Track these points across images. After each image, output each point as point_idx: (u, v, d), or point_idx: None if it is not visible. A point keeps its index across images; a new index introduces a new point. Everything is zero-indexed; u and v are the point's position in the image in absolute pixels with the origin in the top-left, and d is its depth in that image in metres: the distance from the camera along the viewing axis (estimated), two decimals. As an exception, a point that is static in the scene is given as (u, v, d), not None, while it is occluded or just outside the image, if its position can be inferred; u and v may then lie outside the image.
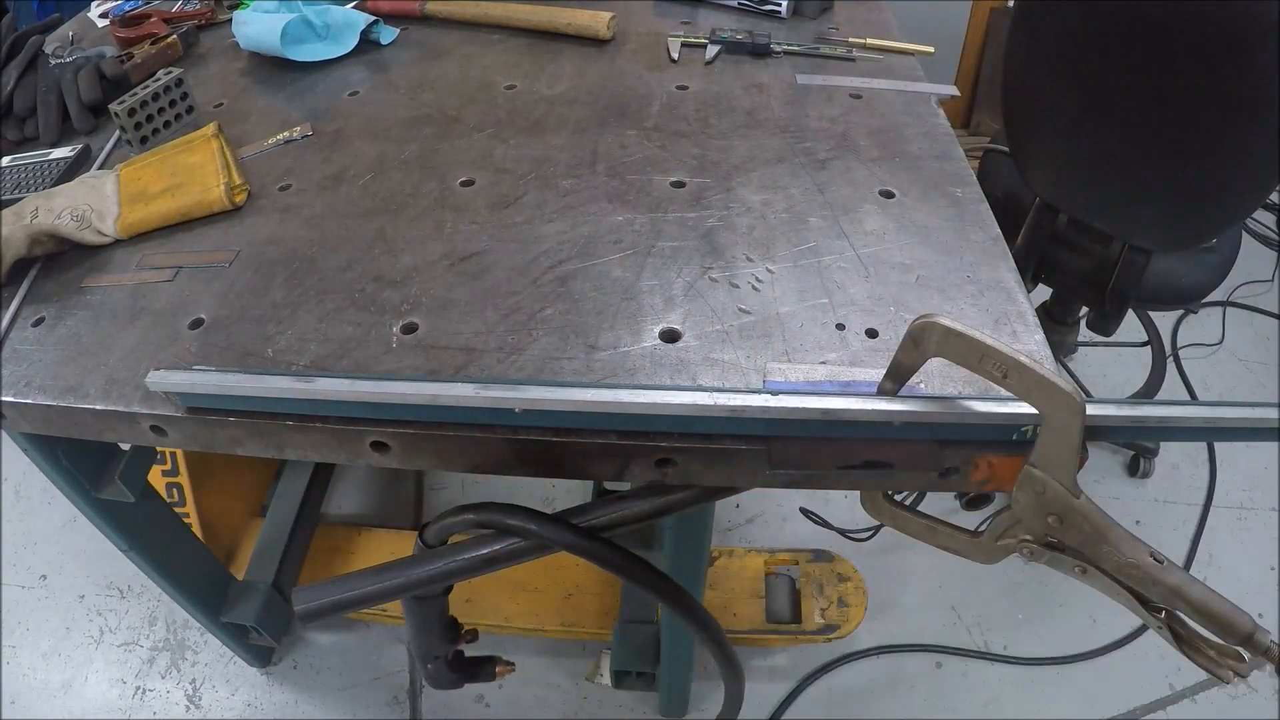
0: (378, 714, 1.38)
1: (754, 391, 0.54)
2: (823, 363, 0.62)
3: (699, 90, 0.97)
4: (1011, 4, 2.13)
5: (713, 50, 1.03)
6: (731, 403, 0.53)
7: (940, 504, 1.53)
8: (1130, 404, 0.53)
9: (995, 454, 0.56)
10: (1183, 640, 0.51)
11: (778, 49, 1.03)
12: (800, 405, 0.53)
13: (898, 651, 1.44)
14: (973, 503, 0.61)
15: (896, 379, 0.53)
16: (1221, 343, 1.94)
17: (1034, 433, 0.50)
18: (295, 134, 0.91)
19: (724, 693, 0.86)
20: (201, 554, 1.26)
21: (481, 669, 0.87)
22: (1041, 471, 0.49)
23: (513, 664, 0.89)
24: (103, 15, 1.22)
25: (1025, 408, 0.50)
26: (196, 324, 0.69)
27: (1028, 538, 0.52)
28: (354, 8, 1.12)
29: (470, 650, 0.86)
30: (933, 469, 0.55)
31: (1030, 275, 1.32)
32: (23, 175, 0.87)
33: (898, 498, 0.59)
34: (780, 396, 0.53)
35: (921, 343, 0.50)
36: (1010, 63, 1.16)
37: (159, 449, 0.94)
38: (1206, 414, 0.52)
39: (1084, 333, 1.46)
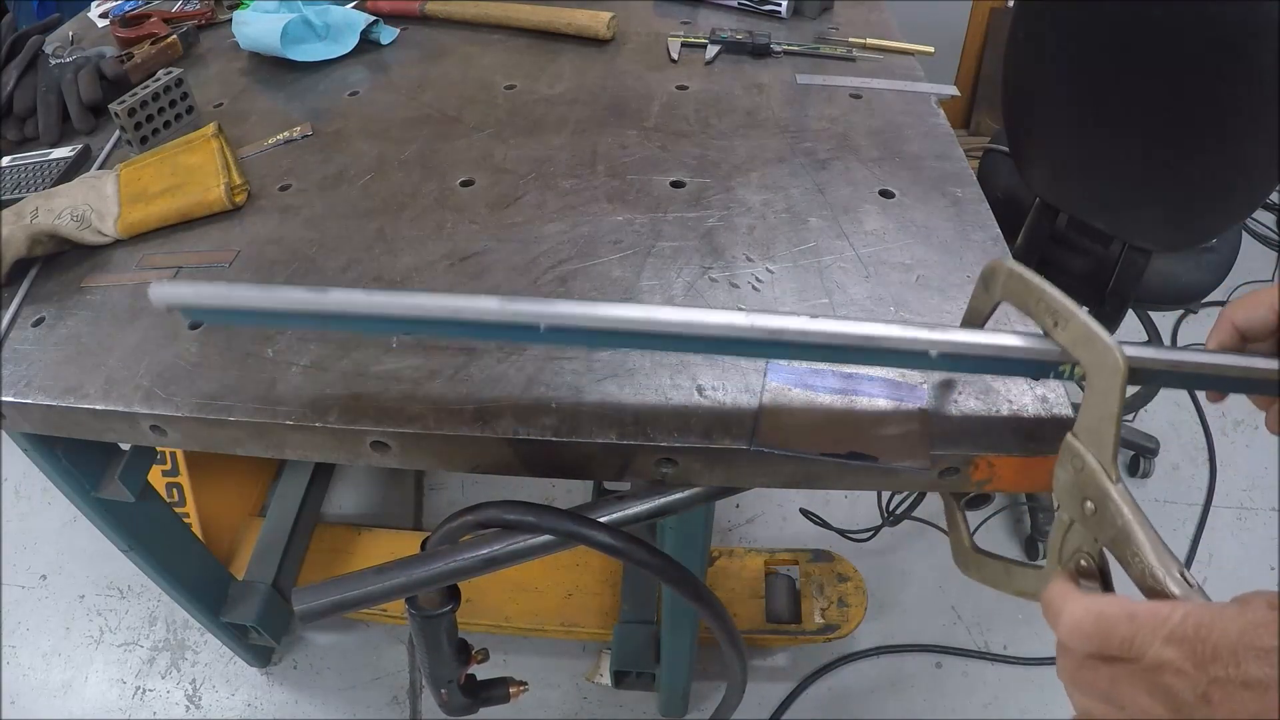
0: (378, 714, 1.38)
1: (793, 314, 0.51)
2: (823, 362, 0.62)
3: (699, 90, 0.97)
4: (1011, 4, 2.13)
5: (713, 50, 1.03)
6: (770, 324, 0.50)
7: (940, 504, 1.53)
8: (1170, 350, 0.51)
9: (995, 454, 0.56)
10: None
11: (778, 49, 1.03)
12: (841, 330, 0.50)
13: (898, 651, 1.44)
14: (972, 503, 0.61)
15: (971, 325, 0.54)
16: (1221, 343, 1.94)
17: (1071, 372, 0.48)
18: (295, 134, 0.91)
19: (727, 677, 0.86)
20: (201, 554, 1.25)
21: (495, 691, 0.87)
22: (1081, 444, 0.44)
23: (525, 684, 0.88)
24: (103, 15, 1.22)
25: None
26: (197, 324, 0.69)
27: (1088, 553, 0.45)
28: (354, 8, 1.12)
29: (477, 669, 0.85)
30: (920, 463, 0.55)
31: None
32: (23, 175, 0.87)
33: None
34: (819, 320, 0.50)
35: (990, 284, 0.51)
36: (1010, 63, 1.16)
37: (159, 449, 0.94)
38: (1245, 364, 0.50)
39: (1084, 333, 1.45)
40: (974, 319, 0.54)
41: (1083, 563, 0.44)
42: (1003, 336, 0.51)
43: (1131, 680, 0.37)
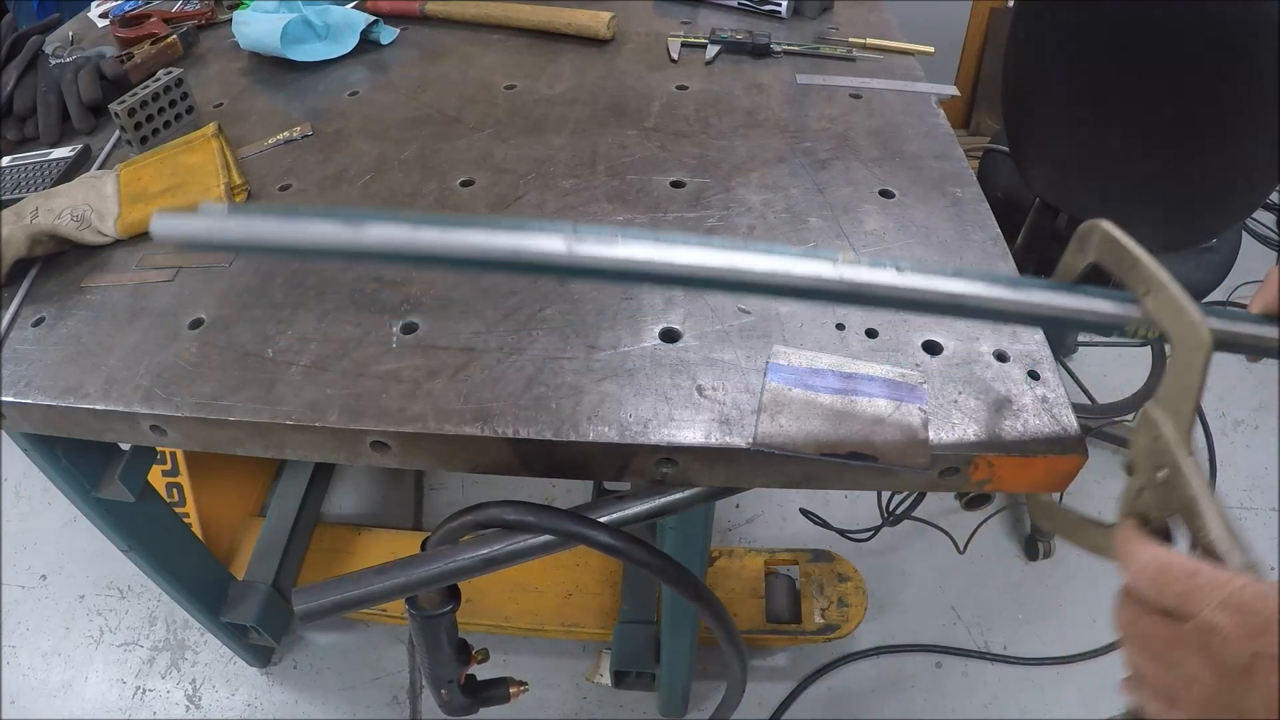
0: (378, 714, 1.38)
1: (878, 266, 0.48)
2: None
3: (699, 90, 0.97)
4: (1011, 4, 2.13)
5: (713, 50, 1.03)
6: (858, 278, 0.47)
7: (940, 504, 1.54)
8: (1255, 323, 0.50)
9: (995, 454, 0.56)
10: None
11: (778, 49, 1.03)
12: (925, 286, 0.48)
13: (898, 651, 1.44)
14: (972, 503, 0.61)
15: (1063, 278, 0.54)
16: (1221, 343, 1.94)
17: (1141, 334, 0.48)
18: (295, 134, 0.91)
19: (727, 677, 0.86)
20: (201, 554, 1.25)
21: (495, 691, 0.87)
22: (1160, 413, 0.45)
23: (525, 684, 0.89)
24: (103, 15, 1.21)
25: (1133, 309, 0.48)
26: (196, 324, 0.69)
27: (1155, 520, 0.45)
28: (354, 8, 1.12)
29: (477, 669, 0.85)
30: (920, 463, 0.55)
31: (1030, 275, 1.32)
32: (23, 175, 0.87)
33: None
34: (906, 274, 0.48)
35: (1085, 244, 0.51)
36: (1010, 63, 1.16)
37: (159, 449, 0.95)
38: None
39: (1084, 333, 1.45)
40: (1066, 274, 0.55)
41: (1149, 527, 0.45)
42: (1088, 300, 0.50)
43: (1184, 641, 0.37)
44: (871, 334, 0.65)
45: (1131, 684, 0.41)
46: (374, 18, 1.10)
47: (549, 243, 0.47)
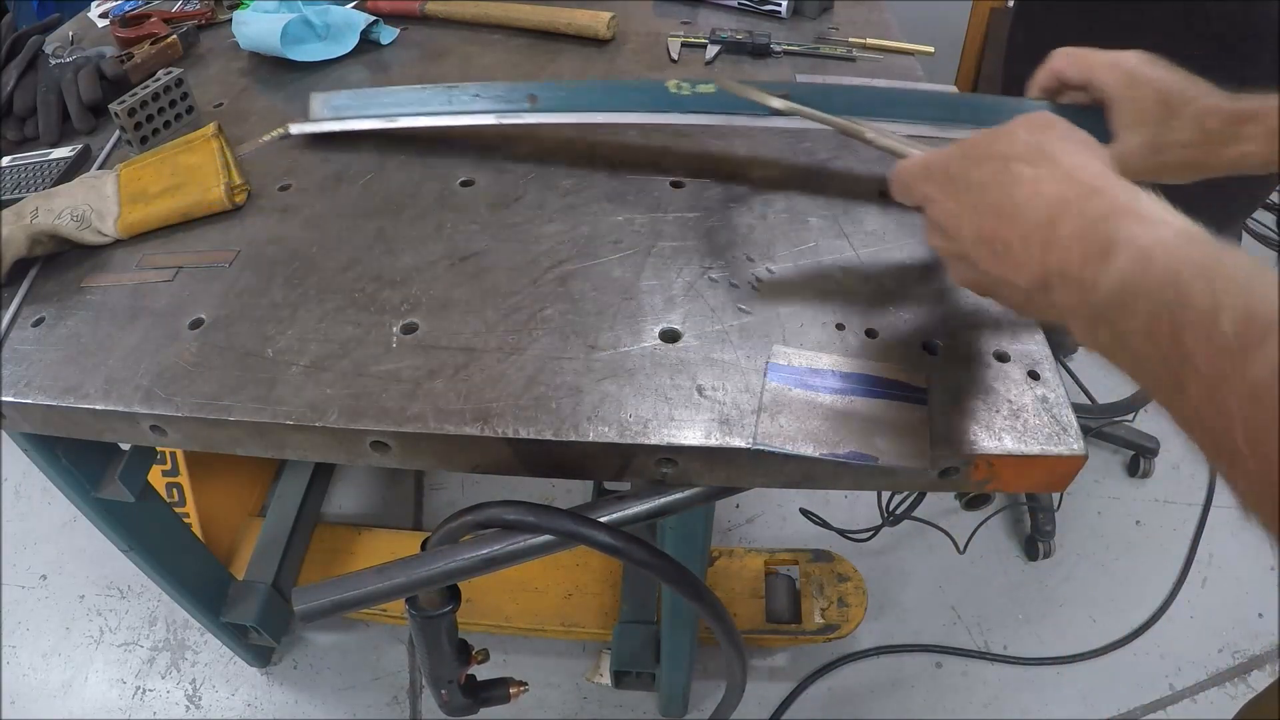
0: (378, 714, 1.39)
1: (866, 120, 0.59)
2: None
3: (699, 90, 0.97)
4: (1011, 4, 2.13)
5: (713, 50, 1.03)
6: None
7: (940, 504, 1.54)
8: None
9: (995, 454, 0.56)
10: None
11: (778, 49, 1.03)
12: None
13: (898, 651, 1.44)
14: (972, 503, 0.61)
15: None
16: (1221, 343, 1.94)
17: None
18: (291, 130, 0.91)
19: (727, 677, 0.86)
20: (201, 554, 1.26)
21: (495, 691, 0.87)
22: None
23: (525, 684, 0.89)
24: (103, 15, 1.22)
25: None
26: (196, 324, 0.69)
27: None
28: (354, 8, 1.12)
29: (477, 669, 0.85)
30: (920, 463, 0.55)
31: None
32: (23, 175, 0.87)
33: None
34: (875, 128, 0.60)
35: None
36: (1010, 63, 1.16)
37: (159, 449, 0.95)
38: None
39: (1084, 333, 1.45)
40: None
41: None
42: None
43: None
44: (871, 334, 0.65)
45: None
46: (374, 18, 1.10)
47: (484, 120, 0.80)
